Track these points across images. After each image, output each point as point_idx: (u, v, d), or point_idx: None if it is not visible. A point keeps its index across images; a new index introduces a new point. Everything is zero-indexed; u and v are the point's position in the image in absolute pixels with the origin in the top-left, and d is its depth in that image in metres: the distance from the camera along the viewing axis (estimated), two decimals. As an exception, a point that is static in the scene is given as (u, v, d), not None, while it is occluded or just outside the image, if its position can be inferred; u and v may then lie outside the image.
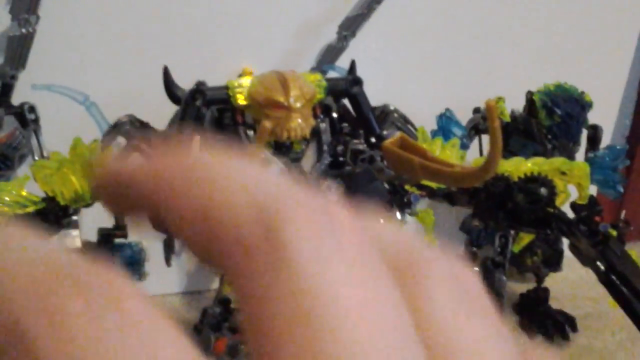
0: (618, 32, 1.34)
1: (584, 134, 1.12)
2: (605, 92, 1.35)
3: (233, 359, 0.84)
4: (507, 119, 1.10)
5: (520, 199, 0.80)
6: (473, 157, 1.02)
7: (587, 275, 0.86)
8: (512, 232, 0.92)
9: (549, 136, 1.07)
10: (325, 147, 0.66)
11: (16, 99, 0.99)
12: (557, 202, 0.83)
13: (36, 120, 0.98)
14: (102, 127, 0.88)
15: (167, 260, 0.79)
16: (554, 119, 1.06)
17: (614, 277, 0.78)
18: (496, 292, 0.90)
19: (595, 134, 1.12)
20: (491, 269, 0.91)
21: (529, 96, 1.10)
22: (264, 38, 1.11)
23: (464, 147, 1.00)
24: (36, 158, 0.97)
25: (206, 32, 1.08)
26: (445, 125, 1.05)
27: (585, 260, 0.82)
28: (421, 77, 1.23)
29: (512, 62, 1.27)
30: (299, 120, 0.62)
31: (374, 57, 1.15)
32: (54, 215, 0.74)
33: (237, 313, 0.87)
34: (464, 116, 1.12)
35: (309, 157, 0.67)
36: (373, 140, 0.69)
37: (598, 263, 0.80)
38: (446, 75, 1.24)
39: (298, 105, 0.62)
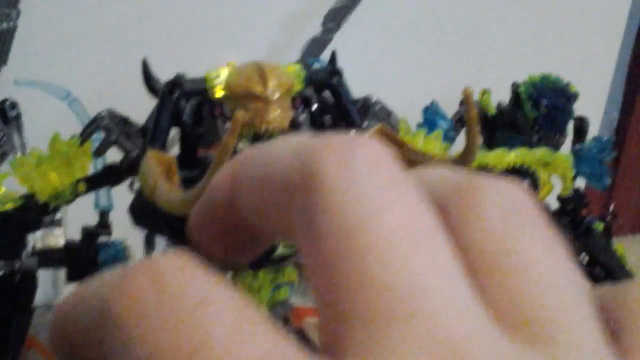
0: (604, 22, 1.34)
1: (571, 125, 1.12)
2: (593, 84, 1.35)
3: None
4: (493, 111, 1.10)
5: (504, 191, 0.80)
6: (460, 149, 1.02)
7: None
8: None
9: (535, 128, 1.07)
10: (304, 140, 0.66)
11: (-3, 96, 0.98)
12: (541, 193, 0.82)
13: (18, 117, 0.98)
14: (84, 123, 0.87)
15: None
16: (539, 110, 1.06)
17: (597, 269, 0.78)
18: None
19: (581, 125, 1.11)
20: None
21: (515, 88, 1.09)
22: (248, 32, 1.11)
23: (450, 139, 1.00)
24: (19, 155, 0.96)
25: (190, 26, 1.08)
26: (430, 117, 1.04)
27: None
28: (407, 70, 1.22)
29: (499, 54, 1.26)
30: (277, 112, 0.61)
31: (359, 49, 1.15)
32: (34, 212, 0.73)
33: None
34: (451, 109, 1.11)
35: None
36: (353, 132, 0.68)
37: (581, 255, 0.80)
38: (433, 67, 1.24)
39: (276, 96, 0.61)
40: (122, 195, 0.83)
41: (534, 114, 1.06)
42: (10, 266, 0.74)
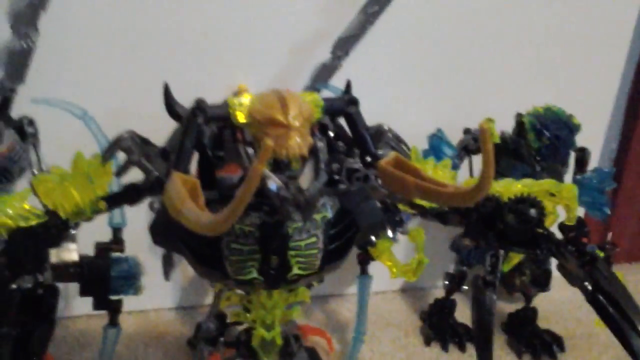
0: (606, 56, 1.36)
1: (572, 156, 1.14)
2: (593, 116, 1.38)
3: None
4: (497, 140, 1.12)
5: (510, 219, 0.82)
6: (463, 177, 1.04)
7: (574, 296, 0.87)
8: (502, 251, 0.93)
9: (538, 158, 1.09)
10: (322, 166, 0.68)
11: (15, 113, 1.00)
12: (546, 222, 0.84)
13: (35, 134, 1.00)
14: (100, 142, 0.89)
15: (166, 275, 0.80)
16: (542, 141, 1.08)
17: (600, 297, 0.80)
18: (487, 311, 0.91)
19: (583, 156, 1.14)
20: (482, 287, 0.92)
21: (519, 118, 1.12)
22: (259, 56, 1.13)
23: (455, 167, 1.02)
24: (35, 171, 0.98)
25: (203, 49, 1.10)
26: (436, 145, 1.07)
27: (573, 280, 0.84)
28: (412, 97, 1.25)
29: (502, 84, 1.29)
30: (298, 139, 0.63)
31: (366, 76, 1.17)
32: (55, 228, 0.75)
33: (231, 328, 0.87)
34: (454, 136, 1.14)
35: (306, 175, 0.68)
36: (368, 159, 0.70)
37: (585, 283, 0.81)
38: (437, 96, 1.26)
39: (297, 124, 0.63)
40: (134, 214, 0.85)
41: (537, 144, 1.08)
42: (34, 280, 0.76)
